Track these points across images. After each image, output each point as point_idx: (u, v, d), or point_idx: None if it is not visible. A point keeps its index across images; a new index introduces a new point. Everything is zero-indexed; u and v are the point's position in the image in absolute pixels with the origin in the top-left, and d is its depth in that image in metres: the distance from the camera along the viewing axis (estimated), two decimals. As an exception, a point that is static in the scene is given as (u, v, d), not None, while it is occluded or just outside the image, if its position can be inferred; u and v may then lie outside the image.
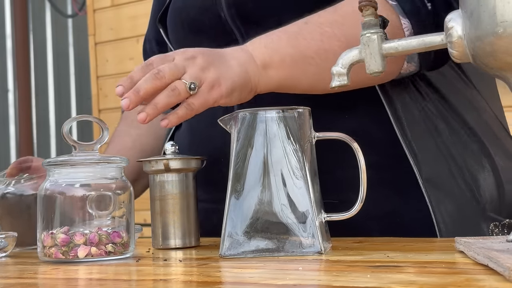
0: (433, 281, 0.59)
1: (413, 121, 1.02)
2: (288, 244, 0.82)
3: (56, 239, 0.88)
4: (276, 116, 0.84)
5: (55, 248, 0.88)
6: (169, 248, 0.98)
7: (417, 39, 0.74)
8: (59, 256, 0.88)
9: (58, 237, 0.88)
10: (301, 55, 0.94)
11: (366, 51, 0.76)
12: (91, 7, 3.51)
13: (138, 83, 0.85)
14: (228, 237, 0.83)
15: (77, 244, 0.87)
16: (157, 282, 0.68)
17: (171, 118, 0.87)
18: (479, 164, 1.05)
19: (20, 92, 3.90)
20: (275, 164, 0.83)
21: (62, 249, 0.88)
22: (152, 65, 0.87)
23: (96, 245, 0.87)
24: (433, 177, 1.00)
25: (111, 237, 0.88)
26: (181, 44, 1.17)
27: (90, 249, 0.87)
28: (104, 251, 0.87)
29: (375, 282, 0.60)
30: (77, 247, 0.87)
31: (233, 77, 0.90)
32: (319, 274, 0.71)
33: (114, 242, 0.88)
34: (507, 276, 0.57)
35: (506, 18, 0.63)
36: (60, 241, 0.87)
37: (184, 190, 0.99)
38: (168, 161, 0.98)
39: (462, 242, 0.75)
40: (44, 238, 0.89)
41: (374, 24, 0.76)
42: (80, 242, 0.87)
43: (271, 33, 0.95)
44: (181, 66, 0.87)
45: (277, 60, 0.93)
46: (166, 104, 0.85)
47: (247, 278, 0.68)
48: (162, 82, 0.85)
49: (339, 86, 0.79)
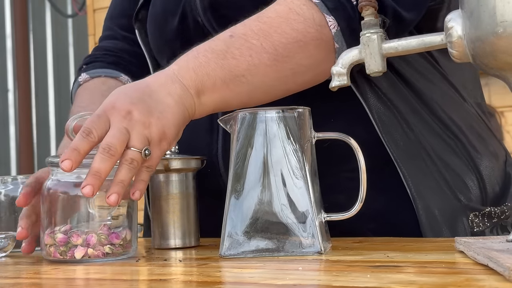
0: (433, 281, 0.59)
1: (390, 121, 1.01)
2: (288, 244, 0.82)
3: (55, 238, 0.88)
4: (276, 116, 0.84)
5: (53, 248, 0.88)
6: (169, 248, 0.98)
7: (416, 39, 0.74)
8: (57, 256, 0.88)
9: (57, 237, 0.87)
10: (232, 75, 0.92)
11: (366, 51, 0.76)
12: (91, 7, 3.51)
13: (96, 166, 0.82)
14: (228, 237, 0.83)
15: (74, 244, 0.87)
16: (157, 282, 0.68)
17: (141, 188, 0.86)
18: (460, 160, 1.05)
19: (20, 92, 3.90)
20: (275, 164, 0.83)
21: (60, 249, 0.88)
22: (92, 132, 0.84)
23: (94, 246, 0.87)
24: (414, 177, 1.00)
25: (110, 238, 0.88)
26: (161, 50, 1.16)
27: (87, 251, 0.87)
28: (102, 252, 0.87)
29: (375, 282, 0.60)
30: (75, 247, 0.87)
31: (174, 120, 0.88)
32: (319, 274, 0.71)
33: (112, 243, 0.88)
34: (507, 276, 0.57)
35: (506, 18, 0.63)
36: (58, 241, 0.87)
37: (184, 190, 0.99)
38: (168, 161, 0.98)
39: (462, 242, 0.75)
40: (45, 237, 0.89)
41: (374, 24, 0.76)
42: (77, 243, 0.87)
43: (196, 53, 0.92)
44: (124, 131, 0.84)
45: (209, 85, 0.91)
46: (130, 178, 0.85)
47: (247, 278, 0.68)
48: (117, 157, 0.84)
49: (339, 86, 0.79)
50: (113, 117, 0.85)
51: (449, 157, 1.04)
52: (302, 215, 0.82)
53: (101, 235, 0.88)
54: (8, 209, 1.09)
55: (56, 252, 0.88)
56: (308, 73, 0.96)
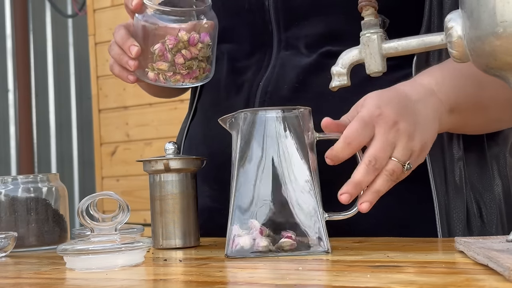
0: (433, 281, 0.59)
1: None
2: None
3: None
4: (276, 116, 0.84)
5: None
6: (169, 248, 0.98)
7: (416, 39, 0.74)
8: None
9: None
10: (480, 106, 0.94)
11: (366, 51, 0.76)
12: (91, 7, 3.51)
13: (358, 178, 0.81)
14: (233, 237, 0.83)
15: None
16: (157, 282, 0.68)
17: (372, 200, 0.83)
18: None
19: (20, 92, 3.90)
20: (278, 165, 0.82)
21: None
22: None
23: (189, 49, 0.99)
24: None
25: (201, 38, 0.99)
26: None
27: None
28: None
29: (375, 282, 0.60)
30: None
31: (433, 134, 0.88)
32: (319, 274, 0.71)
33: (203, 42, 0.98)
34: (507, 276, 0.57)
35: (506, 18, 0.63)
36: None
37: (184, 190, 0.99)
38: (168, 161, 0.98)
39: (462, 242, 0.75)
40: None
41: (374, 24, 0.76)
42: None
43: (452, 71, 0.92)
44: (391, 144, 0.83)
45: (462, 106, 0.92)
46: (387, 189, 0.84)
47: (247, 278, 0.68)
48: (380, 171, 0.83)
49: (339, 86, 0.79)
50: (380, 127, 0.83)
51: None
52: (308, 214, 0.82)
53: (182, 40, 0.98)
54: (8, 209, 1.09)
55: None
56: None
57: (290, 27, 1.05)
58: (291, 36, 1.06)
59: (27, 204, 1.09)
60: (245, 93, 1.07)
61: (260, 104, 1.04)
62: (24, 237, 1.07)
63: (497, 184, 1.04)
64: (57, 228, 1.10)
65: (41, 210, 1.09)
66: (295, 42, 1.06)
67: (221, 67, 1.11)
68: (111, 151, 3.45)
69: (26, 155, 3.89)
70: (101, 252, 0.79)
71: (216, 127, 0.97)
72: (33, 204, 1.09)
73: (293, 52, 1.06)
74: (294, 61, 1.05)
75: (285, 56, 1.06)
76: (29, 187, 1.10)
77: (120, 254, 0.80)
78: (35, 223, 1.08)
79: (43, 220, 1.09)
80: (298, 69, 1.05)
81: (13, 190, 1.10)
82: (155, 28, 0.99)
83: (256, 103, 1.05)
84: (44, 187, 1.11)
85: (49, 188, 1.11)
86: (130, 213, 0.84)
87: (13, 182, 1.11)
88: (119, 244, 0.81)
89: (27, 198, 1.09)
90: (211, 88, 1.14)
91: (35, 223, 1.08)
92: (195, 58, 0.99)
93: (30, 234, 1.08)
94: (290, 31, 1.05)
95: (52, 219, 1.10)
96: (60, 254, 0.81)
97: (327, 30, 1.03)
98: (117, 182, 3.41)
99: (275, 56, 1.07)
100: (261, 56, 1.08)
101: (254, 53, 1.09)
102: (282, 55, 1.07)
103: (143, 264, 0.82)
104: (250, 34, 1.09)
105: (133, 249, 0.81)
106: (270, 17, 1.07)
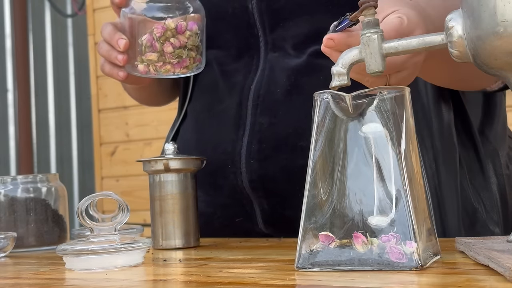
0: (433, 281, 0.59)
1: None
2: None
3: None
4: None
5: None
6: (169, 248, 0.98)
7: (417, 39, 0.74)
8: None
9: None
10: None
11: (366, 50, 0.76)
12: (90, 7, 3.51)
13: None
14: (305, 246, 0.69)
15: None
16: (156, 283, 0.68)
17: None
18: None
19: (19, 92, 3.90)
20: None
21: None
22: None
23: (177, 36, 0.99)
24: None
25: (189, 27, 1.00)
26: None
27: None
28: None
29: (375, 282, 0.60)
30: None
31: None
32: (319, 274, 0.71)
33: (191, 30, 1.00)
34: (507, 276, 0.57)
35: (507, 17, 0.63)
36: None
37: (184, 190, 0.99)
38: (167, 161, 0.98)
39: (462, 242, 0.75)
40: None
41: (374, 24, 0.76)
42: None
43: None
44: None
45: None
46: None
47: (247, 278, 0.68)
48: None
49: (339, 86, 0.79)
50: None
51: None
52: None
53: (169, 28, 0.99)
54: (8, 209, 1.09)
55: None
56: None
57: (275, 28, 1.05)
58: (277, 37, 1.06)
59: (26, 204, 1.09)
60: (237, 97, 1.07)
61: (253, 107, 1.04)
62: (24, 237, 1.07)
63: (493, 182, 1.04)
64: (56, 228, 1.10)
65: (40, 210, 1.09)
66: (282, 44, 1.06)
67: (211, 72, 1.11)
68: (111, 151, 3.45)
69: (26, 155, 3.88)
70: (100, 253, 0.79)
71: (209, 132, 0.97)
72: (32, 204, 1.09)
73: (281, 54, 1.06)
74: (283, 63, 1.05)
75: (273, 58, 1.06)
76: (28, 187, 1.10)
77: (119, 254, 0.80)
78: (35, 223, 1.08)
79: (43, 220, 1.09)
80: (289, 71, 1.04)
81: (12, 190, 1.10)
82: (141, 19, 0.99)
83: (249, 106, 1.05)
84: (43, 187, 1.11)
85: (48, 188, 1.11)
86: (129, 213, 0.84)
87: (12, 182, 1.11)
88: (119, 245, 0.80)
89: (26, 198, 1.09)
90: (202, 92, 1.14)
91: (34, 223, 1.08)
92: (184, 46, 1.00)
93: (29, 234, 1.08)
94: (276, 32, 1.05)
95: (51, 219, 1.10)
96: (60, 254, 0.81)
97: (313, 30, 1.02)
98: (116, 182, 3.41)
99: (263, 58, 1.07)
100: (249, 60, 1.08)
101: (241, 57, 1.09)
102: (270, 57, 1.06)
103: (142, 264, 0.82)
104: (236, 38, 1.08)
105: (133, 249, 0.81)
106: (254, 20, 1.06)
